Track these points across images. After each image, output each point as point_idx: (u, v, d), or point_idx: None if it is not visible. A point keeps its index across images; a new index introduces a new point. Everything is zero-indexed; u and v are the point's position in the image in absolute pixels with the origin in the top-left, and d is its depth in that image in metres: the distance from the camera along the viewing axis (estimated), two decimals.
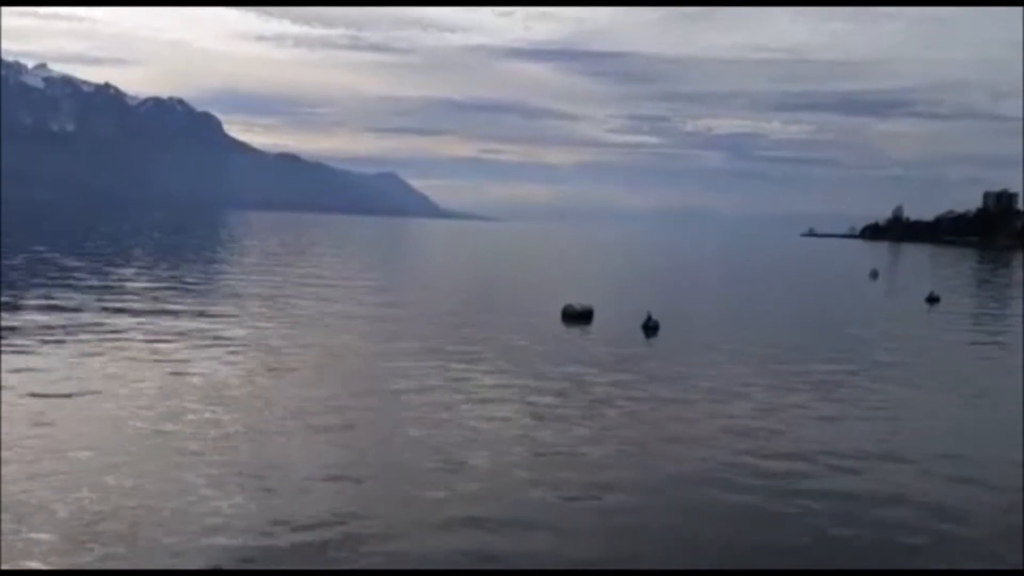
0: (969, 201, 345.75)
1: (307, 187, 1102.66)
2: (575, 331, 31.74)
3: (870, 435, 17.60)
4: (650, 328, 32.00)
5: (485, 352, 25.51)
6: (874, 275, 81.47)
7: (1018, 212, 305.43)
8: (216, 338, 25.85)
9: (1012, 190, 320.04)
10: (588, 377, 22.32)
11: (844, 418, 19.09)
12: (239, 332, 27.31)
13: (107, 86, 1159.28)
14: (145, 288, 39.65)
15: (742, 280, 73.71)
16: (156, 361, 21.75)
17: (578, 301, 35.82)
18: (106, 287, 39.34)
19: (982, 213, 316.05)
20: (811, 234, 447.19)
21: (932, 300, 52.45)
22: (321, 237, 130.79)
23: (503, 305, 40.50)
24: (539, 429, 16.86)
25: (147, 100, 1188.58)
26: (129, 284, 41.32)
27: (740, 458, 15.36)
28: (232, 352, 23.66)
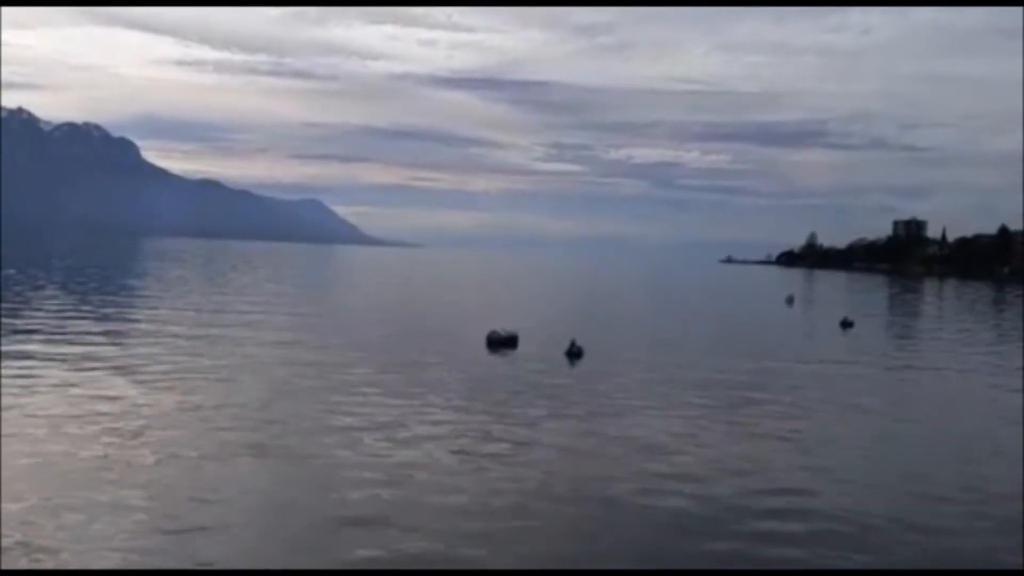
0: (880, 229, 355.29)
1: (229, 213, 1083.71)
2: (500, 357, 32.01)
3: (782, 459, 18.23)
4: (574, 354, 32.47)
5: (409, 379, 25.60)
6: (790, 301, 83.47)
7: (927, 240, 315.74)
8: (127, 372, 25.45)
9: (921, 218, 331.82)
10: (511, 402, 22.60)
11: (755, 442, 19.68)
12: (156, 366, 26.92)
13: (20, 111, 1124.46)
14: (47, 319, 38.72)
15: (663, 306, 74.94)
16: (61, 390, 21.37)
17: (503, 327, 36.13)
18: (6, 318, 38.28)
19: (892, 241, 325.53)
20: (729, 261, 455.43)
21: (846, 325, 54.14)
22: (240, 263, 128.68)
23: (428, 332, 40.57)
24: (458, 454, 17.06)
25: (62, 125, 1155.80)
26: (31, 314, 40.25)
27: (648, 480, 15.82)
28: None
